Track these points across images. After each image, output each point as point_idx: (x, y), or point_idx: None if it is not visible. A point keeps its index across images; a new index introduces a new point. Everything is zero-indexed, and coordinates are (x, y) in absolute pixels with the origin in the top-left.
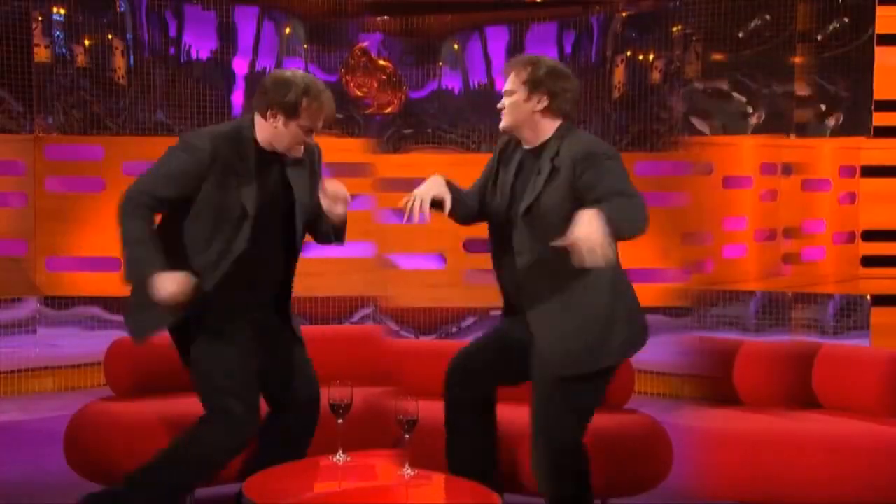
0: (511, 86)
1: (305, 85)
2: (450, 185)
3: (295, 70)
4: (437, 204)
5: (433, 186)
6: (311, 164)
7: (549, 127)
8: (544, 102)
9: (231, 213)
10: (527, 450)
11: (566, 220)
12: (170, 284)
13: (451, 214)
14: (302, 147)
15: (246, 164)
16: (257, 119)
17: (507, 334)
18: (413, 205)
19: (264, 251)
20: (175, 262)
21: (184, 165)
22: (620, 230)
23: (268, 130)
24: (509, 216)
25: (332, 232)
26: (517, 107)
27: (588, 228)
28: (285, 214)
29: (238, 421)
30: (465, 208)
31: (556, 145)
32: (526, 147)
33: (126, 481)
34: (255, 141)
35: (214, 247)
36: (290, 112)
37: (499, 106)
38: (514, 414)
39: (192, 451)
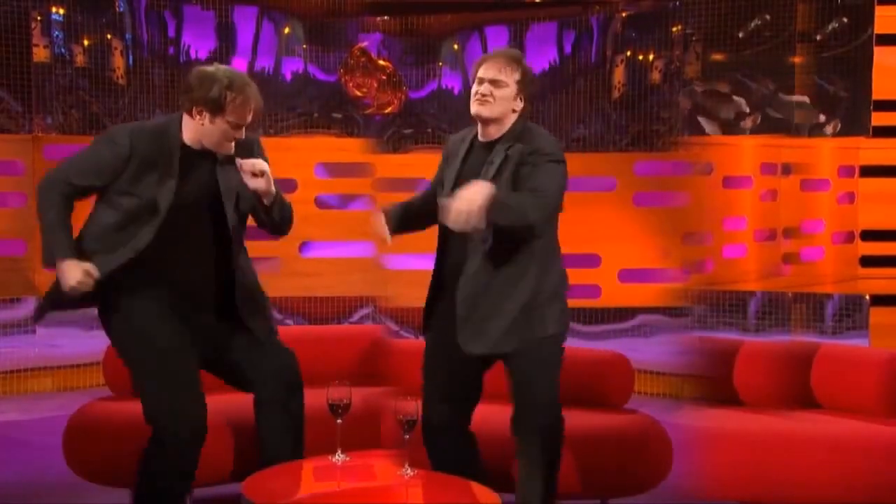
0: (504, 78)
1: (229, 80)
2: (390, 214)
3: (219, 65)
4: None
5: (376, 230)
6: (248, 157)
7: (511, 122)
8: (521, 104)
9: (143, 208)
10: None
11: None
12: (73, 273)
13: (407, 230)
14: (232, 144)
15: (169, 161)
16: (185, 117)
17: (444, 349)
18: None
19: (186, 251)
20: (84, 245)
21: (101, 158)
22: (500, 216)
23: (195, 128)
24: None
25: (268, 213)
26: (505, 101)
27: (470, 193)
28: (218, 214)
29: (181, 441)
30: (417, 220)
31: (511, 138)
32: (481, 139)
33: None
34: (181, 139)
35: (118, 237)
36: (215, 108)
37: (483, 92)
38: (502, 414)
39: (153, 471)
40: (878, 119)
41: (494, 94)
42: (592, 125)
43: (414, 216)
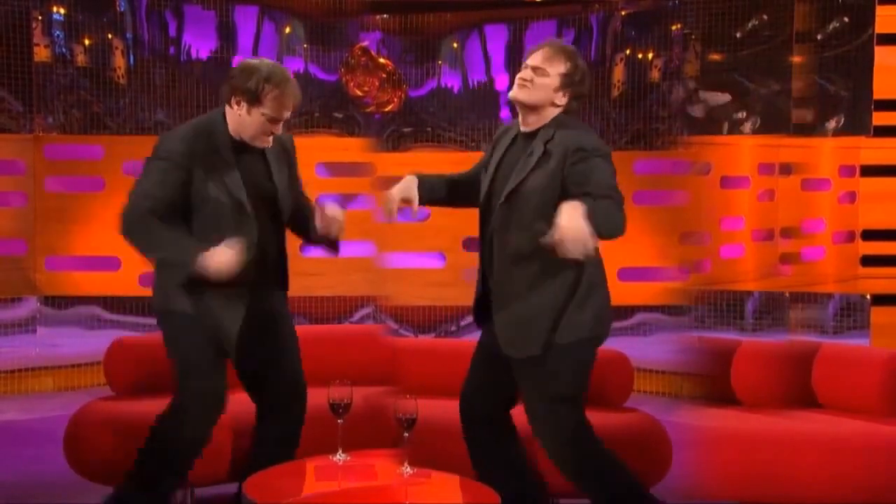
0: (547, 67)
1: (269, 72)
2: (424, 182)
3: (263, 59)
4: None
5: (401, 189)
6: (286, 155)
7: (551, 115)
8: (565, 100)
9: (226, 207)
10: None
11: (545, 206)
12: (221, 258)
13: (440, 203)
14: (270, 139)
15: (223, 155)
16: (227, 109)
17: (487, 346)
18: (386, 206)
19: (259, 239)
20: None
21: (165, 174)
22: (598, 230)
23: (235, 119)
24: (490, 195)
25: (326, 244)
26: (543, 90)
27: (572, 219)
28: (272, 202)
29: (206, 409)
30: (451, 194)
31: (551, 131)
32: (522, 129)
33: (124, 477)
34: (229, 132)
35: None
36: (253, 99)
37: (522, 76)
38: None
39: (162, 441)
40: (879, 119)
41: (535, 80)
42: (591, 124)
43: (450, 189)
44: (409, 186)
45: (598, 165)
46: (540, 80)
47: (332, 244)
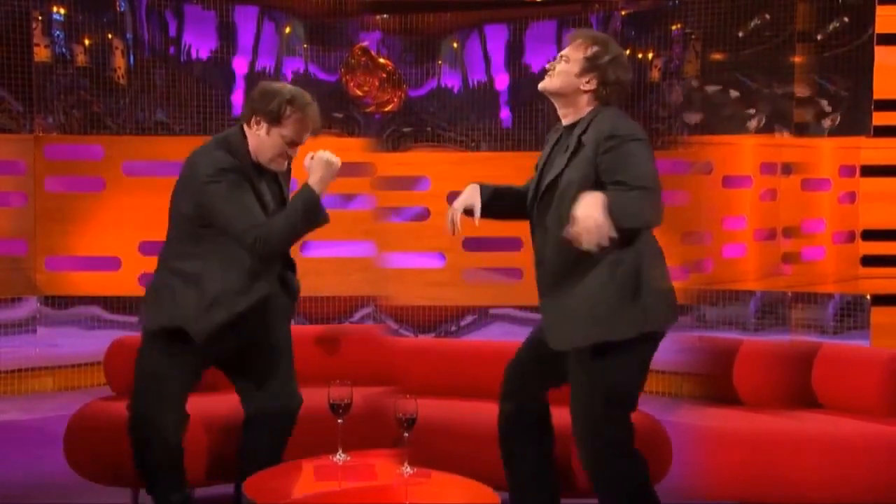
0: (569, 54)
1: (291, 95)
2: (485, 189)
3: (285, 83)
4: (470, 212)
5: (465, 198)
6: (288, 176)
7: (587, 107)
8: (592, 85)
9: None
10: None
11: None
12: (324, 161)
13: (496, 216)
14: (285, 162)
15: (247, 169)
16: (245, 129)
17: (540, 333)
18: (450, 218)
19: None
20: (212, 285)
21: (241, 193)
22: (621, 220)
23: (254, 139)
24: (537, 191)
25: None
26: (566, 77)
27: (588, 210)
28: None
29: (155, 441)
30: (511, 205)
31: (587, 122)
32: (564, 123)
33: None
34: (249, 152)
35: (245, 265)
36: (273, 119)
37: (547, 65)
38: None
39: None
40: (879, 119)
41: (556, 67)
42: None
43: (509, 200)
44: (471, 195)
45: (632, 151)
46: (561, 67)
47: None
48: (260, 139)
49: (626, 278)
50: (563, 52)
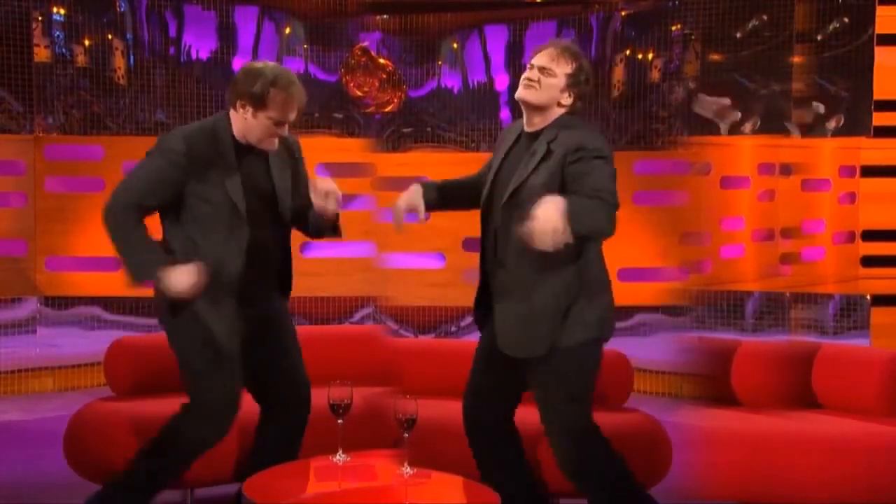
0: (553, 67)
1: (274, 76)
2: (428, 188)
3: (267, 62)
4: (414, 211)
5: (405, 198)
6: (290, 157)
7: (556, 115)
8: (571, 100)
9: (222, 210)
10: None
11: None
12: (183, 278)
13: (448, 208)
14: (275, 140)
15: (225, 158)
16: (231, 112)
17: (489, 348)
18: (395, 215)
19: (258, 242)
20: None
21: (164, 172)
22: (577, 225)
23: (239, 122)
24: (493, 194)
25: (329, 228)
26: (550, 90)
27: (547, 211)
28: (272, 203)
29: (215, 411)
30: (457, 199)
31: (555, 131)
32: (526, 129)
33: (114, 476)
34: (233, 135)
35: (217, 246)
36: (258, 103)
37: (529, 76)
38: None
39: (174, 440)
40: (879, 119)
41: (542, 81)
42: (591, 124)
43: (455, 193)
44: (413, 195)
45: (597, 167)
46: (547, 81)
47: (333, 227)
48: (247, 122)
49: (583, 287)
50: (544, 65)
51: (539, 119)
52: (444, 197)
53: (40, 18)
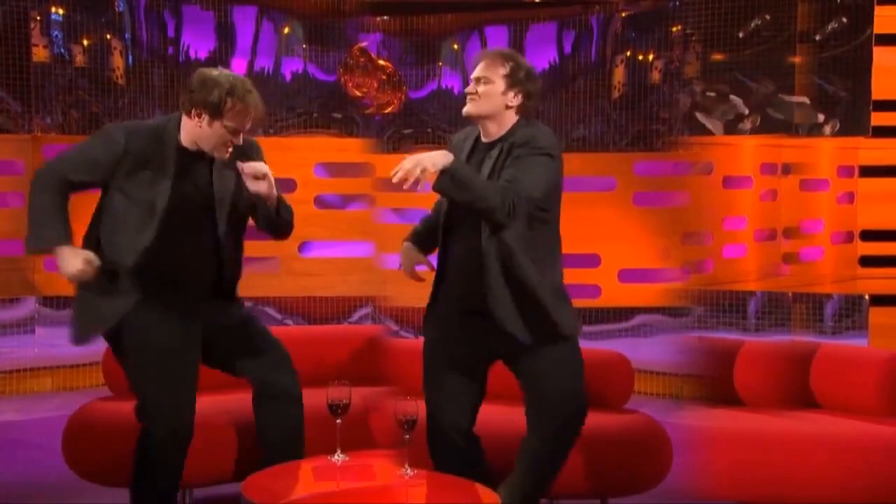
0: (488, 75)
1: (231, 85)
2: (417, 241)
3: (223, 69)
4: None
5: (407, 261)
6: (244, 160)
7: (511, 122)
8: (519, 99)
9: (140, 207)
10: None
11: None
12: (73, 262)
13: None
14: (228, 149)
15: (164, 161)
16: (183, 118)
17: (438, 354)
18: (412, 277)
19: (186, 250)
20: (94, 248)
21: (97, 154)
22: (459, 190)
23: (192, 129)
24: (454, 203)
25: (270, 216)
26: (492, 97)
27: (425, 156)
28: (209, 209)
29: (166, 438)
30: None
31: (513, 136)
32: (484, 140)
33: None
34: (178, 140)
35: (122, 239)
36: (214, 112)
37: (469, 90)
38: (504, 415)
39: (145, 464)
40: (878, 119)
41: (479, 90)
42: (592, 125)
43: (435, 233)
44: (411, 254)
45: (534, 162)
46: (486, 89)
47: (273, 223)
48: (201, 130)
49: (554, 286)
50: (477, 75)
51: (494, 127)
52: (430, 239)
53: (39, 18)
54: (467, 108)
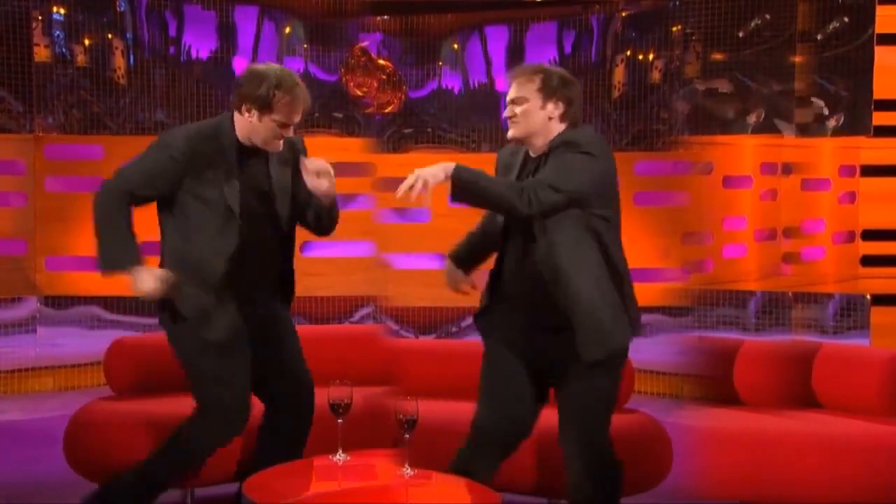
0: (522, 94)
1: (278, 79)
2: (457, 259)
3: (270, 64)
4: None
5: (452, 281)
6: (293, 155)
7: (557, 132)
8: (560, 109)
9: (216, 210)
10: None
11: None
12: (149, 280)
13: (483, 257)
14: (280, 142)
15: (226, 160)
16: (235, 114)
17: (515, 360)
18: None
19: (256, 243)
20: (171, 259)
21: (160, 165)
22: (469, 195)
23: (244, 125)
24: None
25: (322, 214)
26: (532, 115)
27: (425, 169)
28: (270, 203)
29: (228, 412)
30: (485, 247)
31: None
32: (532, 155)
33: (116, 476)
34: (236, 137)
35: (205, 245)
36: (263, 106)
37: (507, 115)
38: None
39: (187, 445)
40: (879, 119)
41: (517, 112)
42: (593, 125)
43: (478, 245)
44: (452, 277)
45: (570, 159)
46: (522, 109)
47: (329, 215)
48: (252, 125)
49: (612, 292)
50: (512, 97)
51: (540, 140)
52: (471, 258)
53: (40, 18)
54: (511, 133)
